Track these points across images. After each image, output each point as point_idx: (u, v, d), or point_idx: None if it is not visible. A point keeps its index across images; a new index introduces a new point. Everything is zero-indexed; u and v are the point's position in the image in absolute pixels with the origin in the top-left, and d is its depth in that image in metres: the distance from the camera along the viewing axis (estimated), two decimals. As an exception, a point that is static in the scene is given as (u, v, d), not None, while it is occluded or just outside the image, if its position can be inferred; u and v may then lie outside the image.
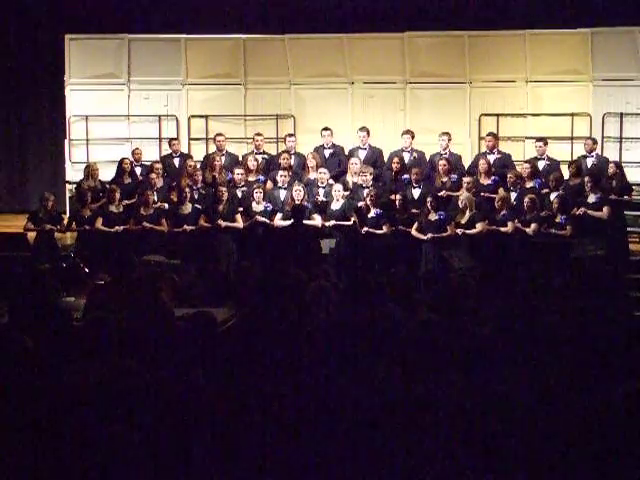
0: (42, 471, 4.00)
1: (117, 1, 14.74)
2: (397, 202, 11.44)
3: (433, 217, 11.15)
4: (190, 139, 14.01)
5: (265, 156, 12.85)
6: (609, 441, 4.03)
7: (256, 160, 12.45)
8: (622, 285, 9.56)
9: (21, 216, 12.74)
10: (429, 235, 11.04)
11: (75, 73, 14.05)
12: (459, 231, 11.06)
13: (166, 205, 11.92)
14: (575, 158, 12.52)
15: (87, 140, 14.04)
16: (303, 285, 7.11)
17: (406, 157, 12.42)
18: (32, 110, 15.60)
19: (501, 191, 11.67)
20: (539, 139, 12.48)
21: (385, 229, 11.28)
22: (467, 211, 11.16)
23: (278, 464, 3.98)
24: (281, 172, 11.99)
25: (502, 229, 11.07)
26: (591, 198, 11.30)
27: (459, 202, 11.25)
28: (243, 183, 12.08)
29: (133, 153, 13.06)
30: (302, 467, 3.93)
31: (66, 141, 14.16)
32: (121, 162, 12.70)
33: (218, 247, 11.45)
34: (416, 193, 11.75)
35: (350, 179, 12.14)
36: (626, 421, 4.03)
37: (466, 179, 11.63)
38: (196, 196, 11.92)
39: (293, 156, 12.70)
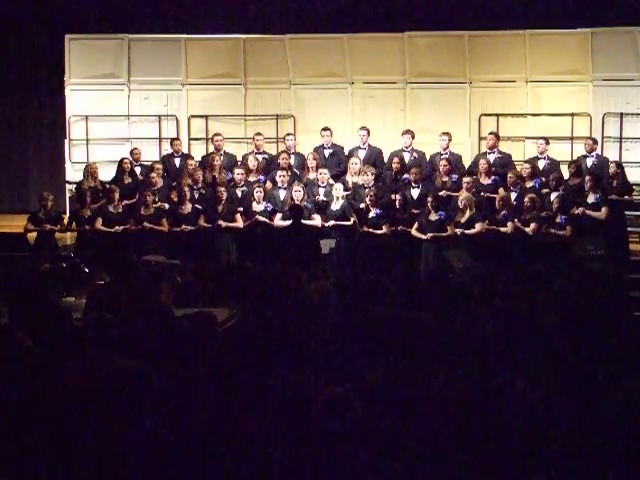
0: (42, 471, 4.00)
1: (117, 1, 14.75)
2: (397, 202, 11.44)
3: (433, 217, 11.17)
4: (190, 139, 14.01)
5: (265, 156, 12.86)
6: (609, 441, 4.02)
7: (256, 160, 12.46)
8: (622, 285, 9.55)
9: (21, 216, 12.73)
10: (429, 235, 11.05)
11: (75, 73, 14.06)
12: (459, 231, 11.07)
13: (166, 205, 11.93)
14: (575, 158, 12.53)
15: (87, 140, 14.05)
16: (303, 285, 7.10)
17: (406, 157, 12.42)
18: (32, 110, 15.61)
19: (501, 191, 11.68)
20: (541, 138, 12.50)
21: (385, 229, 11.28)
22: (467, 211, 11.17)
23: (277, 463, 3.98)
24: (280, 172, 11.99)
25: (502, 229, 11.08)
26: (590, 198, 11.31)
27: (459, 202, 11.25)
28: (243, 183, 12.09)
29: (132, 153, 13.06)
30: (301, 467, 3.93)
31: (66, 141, 14.16)
32: (121, 162, 12.71)
33: (218, 247, 11.46)
34: (416, 193, 11.76)
35: (350, 179, 12.15)
36: (626, 421, 4.03)
37: (466, 179, 11.64)
38: (196, 196, 11.93)
39: (293, 156, 12.71)
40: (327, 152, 12.70)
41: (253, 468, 3.98)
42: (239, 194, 12.00)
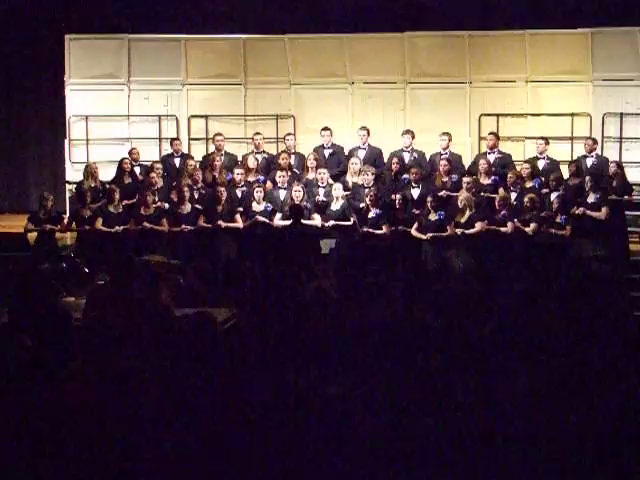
0: (42, 471, 4.00)
1: (117, 1, 14.75)
2: (397, 202, 11.45)
3: (433, 217, 11.16)
4: (190, 139, 14.01)
5: (265, 156, 12.86)
6: (609, 440, 4.02)
7: (256, 159, 12.46)
8: (622, 285, 9.56)
9: (21, 216, 12.74)
10: (429, 235, 11.05)
11: (75, 73, 14.06)
12: (459, 231, 11.07)
13: (166, 205, 11.92)
14: (575, 158, 12.53)
15: (87, 140, 14.04)
16: (303, 285, 7.11)
17: (406, 157, 12.43)
18: (32, 110, 15.61)
19: (501, 191, 11.68)
20: (541, 138, 12.50)
21: (385, 229, 11.28)
22: (467, 211, 11.16)
23: (277, 463, 3.98)
24: (280, 172, 11.99)
25: (502, 229, 11.07)
26: (590, 198, 11.32)
27: (459, 202, 11.25)
28: (243, 183, 12.09)
29: (130, 153, 13.04)
30: (300, 465, 3.93)
31: (66, 141, 14.16)
32: (121, 162, 12.71)
33: (218, 247, 11.45)
34: (416, 193, 11.76)
35: (350, 179, 12.15)
36: (626, 421, 4.03)
37: (466, 179, 11.63)
38: (196, 196, 11.93)
39: (293, 156, 12.71)
40: (327, 152, 12.70)
41: (253, 468, 3.98)
42: (239, 194, 11.99)
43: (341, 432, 3.95)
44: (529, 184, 11.75)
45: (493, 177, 11.99)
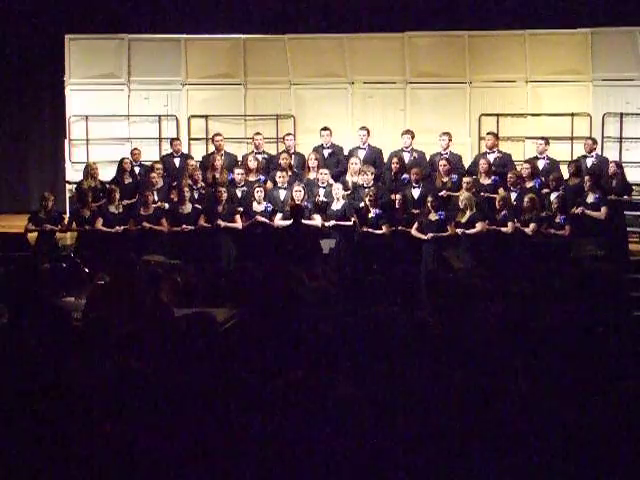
0: (42, 471, 4.00)
1: (117, 1, 14.76)
2: (397, 202, 11.45)
3: (433, 217, 11.17)
4: (190, 139, 14.02)
5: (265, 156, 12.86)
6: (609, 441, 4.03)
7: (256, 160, 12.46)
8: (622, 285, 9.55)
9: (21, 216, 12.75)
10: (429, 235, 11.05)
11: (75, 73, 14.07)
12: (459, 231, 11.07)
13: (166, 205, 11.93)
14: (575, 158, 12.54)
15: (87, 140, 14.05)
16: (303, 285, 7.10)
17: (406, 157, 12.43)
18: (32, 110, 15.62)
19: (501, 191, 11.69)
20: (541, 138, 12.51)
21: (385, 229, 11.28)
22: (467, 211, 11.17)
23: (277, 463, 3.98)
24: (280, 172, 12.00)
25: (502, 229, 11.08)
26: (590, 198, 11.32)
27: (459, 202, 11.26)
28: (243, 183, 12.09)
29: (132, 153, 13.07)
30: (301, 465, 3.93)
31: (66, 141, 14.17)
32: (121, 162, 12.72)
33: (218, 247, 11.46)
34: (416, 193, 11.77)
35: (350, 179, 12.15)
36: (626, 421, 4.03)
37: (466, 179, 11.64)
38: (196, 196, 11.93)
39: (293, 156, 12.72)
40: (326, 152, 12.71)
41: (254, 469, 3.98)
42: (239, 194, 12.00)
43: (342, 432, 3.95)
44: (529, 184, 11.75)
45: (493, 177, 12.00)
